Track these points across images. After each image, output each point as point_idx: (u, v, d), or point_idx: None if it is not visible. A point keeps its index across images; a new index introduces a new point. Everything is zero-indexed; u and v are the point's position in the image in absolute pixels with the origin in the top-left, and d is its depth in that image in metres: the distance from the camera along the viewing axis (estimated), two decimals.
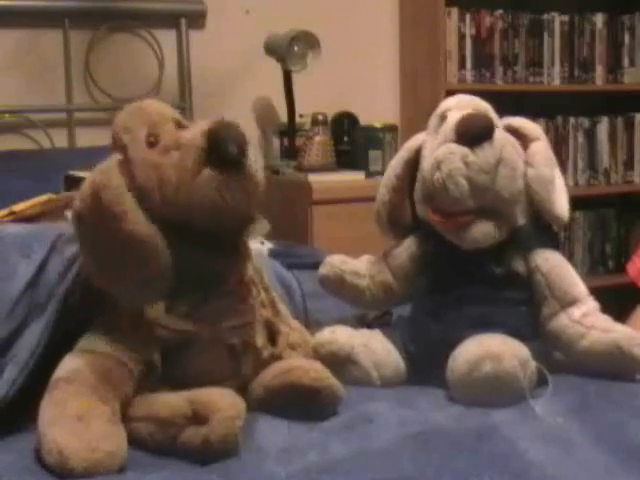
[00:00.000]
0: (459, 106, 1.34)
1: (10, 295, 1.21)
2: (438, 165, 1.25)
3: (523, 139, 1.33)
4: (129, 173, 1.14)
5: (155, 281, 1.12)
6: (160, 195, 1.14)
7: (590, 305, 1.31)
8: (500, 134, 1.29)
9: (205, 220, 1.14)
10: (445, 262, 1.33)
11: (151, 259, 1.10)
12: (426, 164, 1.30)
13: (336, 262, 1.47)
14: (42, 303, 1.21)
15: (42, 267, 1.24)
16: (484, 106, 1.36)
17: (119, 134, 1.18)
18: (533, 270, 1.31)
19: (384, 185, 1.43)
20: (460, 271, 1.31)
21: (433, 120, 1.36)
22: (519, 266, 1.31)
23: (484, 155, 1.25)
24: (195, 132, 1.15)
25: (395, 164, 1.42)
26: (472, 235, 1.28)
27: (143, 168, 1.15)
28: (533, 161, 1.31)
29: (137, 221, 1.10)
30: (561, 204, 1.33)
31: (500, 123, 1.34)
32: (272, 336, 1.26)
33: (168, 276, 1.12)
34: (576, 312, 1.29)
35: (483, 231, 1.28)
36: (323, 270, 1.47)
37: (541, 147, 1.33)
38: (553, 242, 1.35)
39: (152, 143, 1.17)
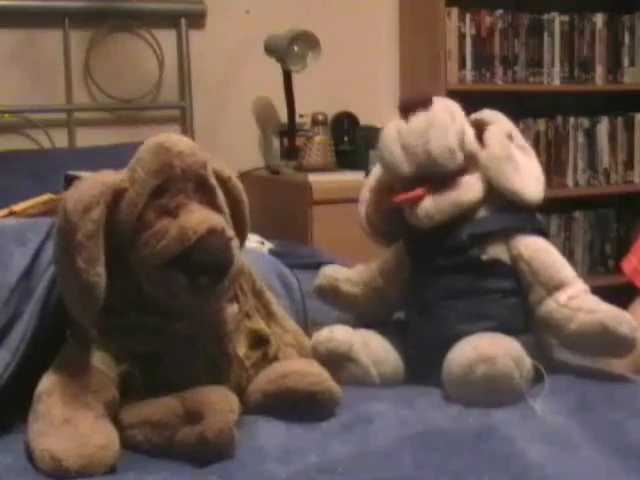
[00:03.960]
0: None
1: (8, 284, 1.21)
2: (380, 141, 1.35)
3: (482, 126, 1.37)
4: (119, 203, 1.12)
5: (88, 315, 1.11)
6: (131, 241, 1.12)
7: (577, 287, 1.29)
8: (439, 103, 1.35)
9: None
10: (430, 254, 1.33)
11: (88, 300, 1.09)
12: None
13: (329, 271, 1.48)
14: (34, 290, 1.21)
15: (37, 255, 1.24)
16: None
17: (136, 166, 1.14)
18: (516, 258, 1.30)
19: (363, 194, 1.47)
20: (446, 261, 1.31)
21: None
22: (502, 254, 1.31)
23: (416, 120, 1.32)
24: (197, 223, 1.09)
25: (376, 169, 1.45)
26: (424, 209, 1.30)
27: (131, 213, 1.12)
28: (486, 142, 1.34)
29: (87, 264, 1.08)
30: (522, 181, 1.32)
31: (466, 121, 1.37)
32: (260, 341, 1.24)
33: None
34: (562, 296, 1.28)
35: (433, 204, 1.29)
36: (317, 281, 1.48)
37: (494, 130, 1.36)
38: (534, 227, 1.34)
39: (159, 193, 1.12)
